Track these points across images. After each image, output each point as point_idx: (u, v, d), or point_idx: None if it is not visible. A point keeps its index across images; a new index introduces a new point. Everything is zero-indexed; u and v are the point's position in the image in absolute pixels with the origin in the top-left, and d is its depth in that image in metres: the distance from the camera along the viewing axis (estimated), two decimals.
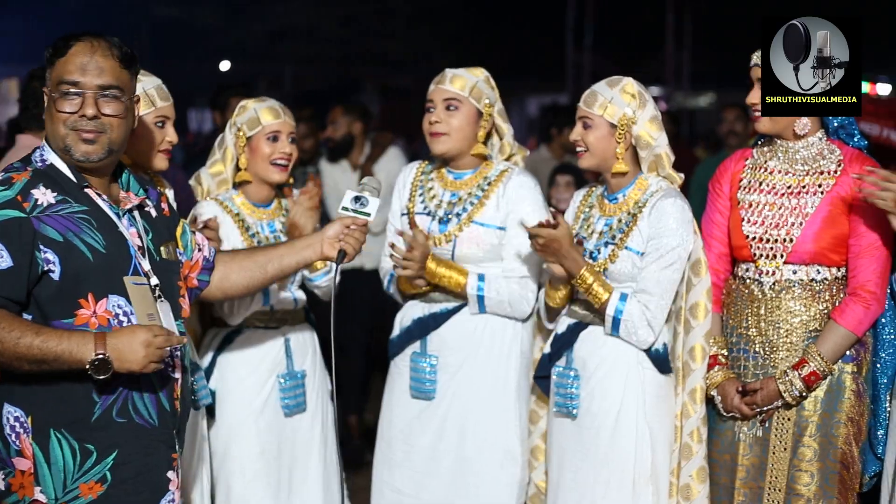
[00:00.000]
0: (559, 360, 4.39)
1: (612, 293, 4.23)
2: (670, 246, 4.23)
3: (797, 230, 4.24)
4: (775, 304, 4.27)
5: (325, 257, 3.87)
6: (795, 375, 4.18)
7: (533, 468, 4.59)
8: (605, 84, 4.35)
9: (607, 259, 4.30)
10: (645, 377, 4.29)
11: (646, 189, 4.33)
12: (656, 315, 4.24)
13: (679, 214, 4.25)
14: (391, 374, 4.70)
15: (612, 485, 4.27)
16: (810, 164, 4.28)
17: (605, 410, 4.28)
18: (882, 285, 4.23)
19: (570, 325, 4.40)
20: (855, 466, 4.27)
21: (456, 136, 4.52)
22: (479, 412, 4.52)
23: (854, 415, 4.25)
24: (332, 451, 4.69)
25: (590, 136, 4.31)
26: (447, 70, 4.57)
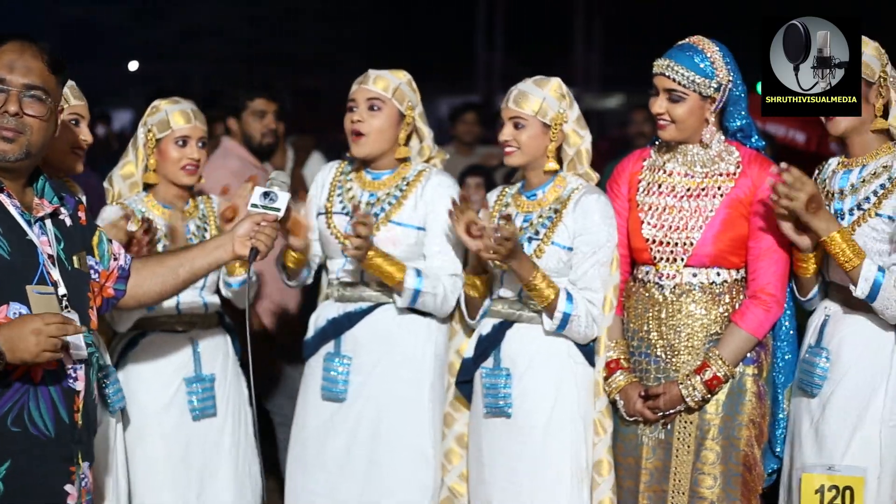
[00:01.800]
0: (486, 361, 4.39)
1: (559, 293, 4.24)
2: (601, 242, 4.27)
3: (697, 233, 4.26)
4: (676, 307, 4.29)
5: (238, 256, 3.82)
6: (697, 380, 4.20)
7: (447, 471, 4.56)
8: (533, 84, 4.37)
9: (533, 254, 4.31)
10: (577, 371, 4.32)
11: (565, 185, 4.36)
12: (600, 311, 4.29)
13: (603, 210, 4.30)
14: (305, 376, 4.66)
15: (551, 481, 4.28)
16: (709, 166, 4.30)
17: (539, 407, 4.29)
18: (782, 288, 4.26)
19: (495, 325, 4.40)
20: (757, 468, 4.30)
21: (377, 136, 4.50)
22: (393, 414, 4.49)
23: (755, 417, 4.29)
24: (246, 456, 4.65)
25: (522, 136, 4.32)
26: (370, 71, 4.55)
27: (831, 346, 4.20)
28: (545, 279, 4.25)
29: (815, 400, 4.21)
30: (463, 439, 4.54)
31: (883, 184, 4.13)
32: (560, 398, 4.29)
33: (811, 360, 4.23)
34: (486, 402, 4.36)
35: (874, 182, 4.15)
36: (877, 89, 4.12)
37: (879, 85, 4.12)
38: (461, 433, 4.55)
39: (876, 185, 4.14)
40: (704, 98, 4.23)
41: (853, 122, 4.16)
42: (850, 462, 4.10)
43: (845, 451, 4.12)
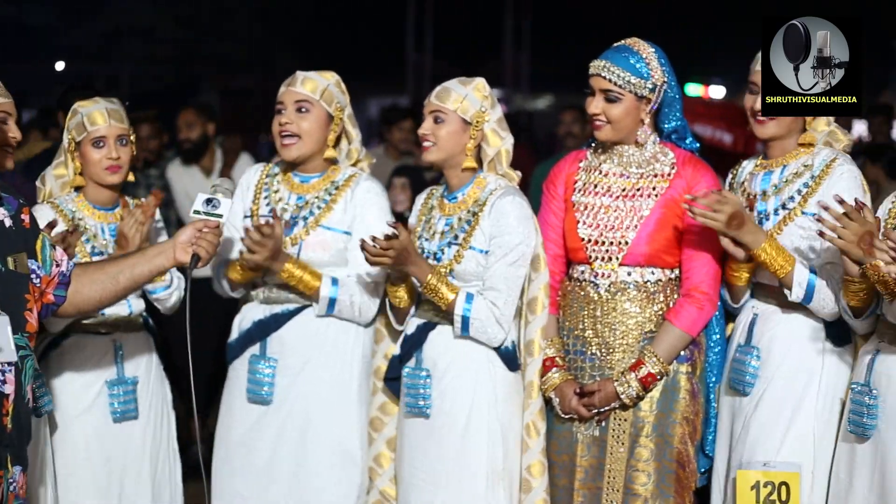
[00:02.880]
0: (409, 360, 4.39)
1: (458, 294, 4.25)
2: (514, 243, 4.26)
3: (632, 232, 4.30)
4: (611, 305, 4.32)
5: (179, 263, 3.77)
6: (632, 377, 4.24)
7: (377, 475, 4.54)
8: (457, 82, 4.38)
9: (453, 259, 4.31)
10: (496, 375, 4.31)
11: (484, 187, 4.35)
12: (505, 312, 4.26)
13: (519, 211, 4.29)
14: (230, 379, 4.61)
15: (466, 483, 4.27)
16: (644, 167, 4.34)
17: (457, 409, 4.28)
18: (714, 286, 4.31)
19: (419, 326, 4.39)
20: (690, 465, 4.34)
21: (306, 139, 4.46)
22: (320, 415, 4.47)
23: (689, 414, 4.32)
24: (166, 459, 4.62)
25: (441, 131, 4.32)
26: (298, 72, 4.51)
27: (761, 344, 4.25)
28: (443, 281, 4.25)
29: (747, 398, 4.25)
30: (393, 443, 4.53)
31: (806, 182, 4.19)
32: (478, 401, 4.28)
33: (742, 360, 4.27)
34: (407, 402, 4.36)
35: (797, 181, 4.21)
36: None
37: None
38: (391, 437, 4.53)
39: (799, 184, 4.21)
40: (640, 98, 4.27)
41: (781, 129, 4.22)
42: (784, 458, 4.15)
43: (780, 447, 4.16)
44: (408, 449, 4.39)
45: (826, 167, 4.17)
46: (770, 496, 4.12)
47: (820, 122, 4.25)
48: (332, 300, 4.41)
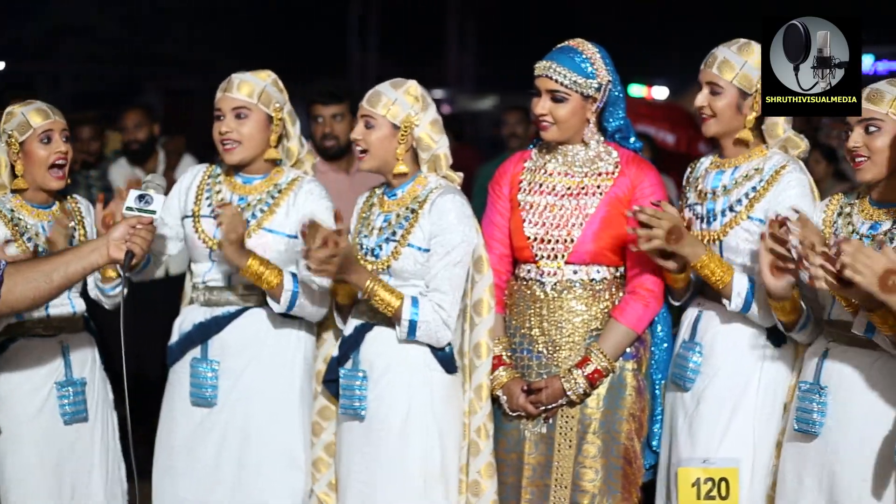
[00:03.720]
0: (346, 362, 4.38)
1: (403, 299, 4.23)
2: (455, 242, 4.25)
3: (577, 230, 4.33)
4: (557, 304, 4.35)
5: (113, 260, 3.77)
6: (579, 374, 4.27)
7: (315, 480, 4.54)
8: (388, 85, 4.35)
9: (390, 256, 4.31)
10: (432, 378, 4.30)
11: (425, 185, 4.35)
12: (451, 313, 4.26)
13: (459, 210, 4.28)
14: (170, 382, 4.58)
15: (402, 485, 4.28)
16: (589, 166, 4.37)
17: (394, 412, 4.28)
18: (659, 283, 4.34)
19: (357, 327, 4.38)
20: (637, 461, 4.38)
21: (248, 144, 4.44)
22: (263, 418, 4.45)
23: (635, 411, 4.36)
24: (115, 459, 4.59)
25: (371, 136, 4.30)
26: (234, 76, 4.48)
27: (704, 340, 4.29)
28: (385, 288, 4.23)
29: (689, 394, 4.29)
30: (331, 448, 4.52)
31: (755, 186, 4.22)
32: (415, 403, 4.28)
33: (684, 355, 4.31)
34: (343, 404, 4.35)
35: (746, 184, 4.24)
36: (752, 100, 4.22)
37: (755, 98, 4.23)
38: (329, 442, 4.53)
39: (748, 187, 4.23)
40: (586, 98, 4.30)
41: (720, 129, 4.27)
42: (724, 454, 4.18)
43: (719, 443, 4.20)
44: (345, 451, 4.39)
45: (776, 173, 4.20)
46: (710, 492, 4.15)
47: (777, 128, 4.27)
48: (294, 293, 4.39)
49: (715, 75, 4.23)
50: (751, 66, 4.20)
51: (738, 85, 4.21)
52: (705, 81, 4.26)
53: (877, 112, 3.81)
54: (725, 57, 4.23)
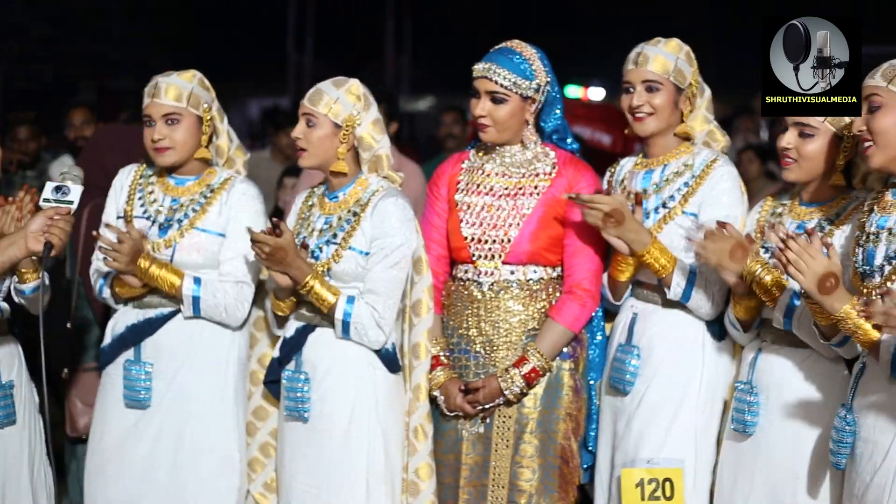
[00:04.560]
0: (288, 363, 4.36)
1: (339, 297, 4.23)
2: (395, 245, 4.25)
3: (515, 230, 4.34)
4: (494, 304, 4.35)
5: (32, 252, 3.74)
6: (516, 373, 4.28)
7: (251, 480, 4.52)
8: (330, 84, 4.33)
9: (331, 259, 4.29)
10: (376, 378, 4.30)
11: (367, 187, 4.33)
12: (385, 315, 4.24)
13: (401, 213, 4.27)
14: (103, 385, 4.53)
15: (346, 486, 4.26)
16: (526, 167, 4.39)
17: (337, 413, 4.27)
18: (596, 283, 4.37)
19: (299, 328, 4.36)
20: (574, 461, 4.40)
21: (181, 149, 4.40)
22: (197, 419, 4.42)
23: (572, 410, 4.38)
24: (41, 464, 4.54)
25: (313, 135, 4.28)
26: (160, 81, 4.42)
27: (641, 343, 4.31)
28: (324, 284, 4.23)
29: (629, 397, 4.31)
30: (266, 448, 4.52)
31: (686, 182, 4.28)
32: (358, 404, 4.27)
33: (622, 359, 4.32)
34: (286, 406, 4.33)
35: (678, 180, 4.29)
36: (686, 95, 4.28)
37: (688, 93, 4.28)
38: (264, 442, 4.52)
39: (679, 183, 4.29)
40: (525, 99, 4.32)
41: (660, 125, 4.31)
42: (667, 455, 4.21)
43: (662, 444, 4.23)
44: (288, 453, 4.37)
45: (706, 167, 4.26)
46: (654, 493, 4.17)
47: (698, 122, 4.34)
48: (195, 299, 4.37)
49: (650, 72, 4.27)
50: (682, 60, 4.27)
51: (674, 81, 4.26)
52: (640, 80, 4.29)
53: (813, 119, 3.86)
54: (658, 54, 4.28)
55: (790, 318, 3.85)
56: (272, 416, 4.52)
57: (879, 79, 3.55)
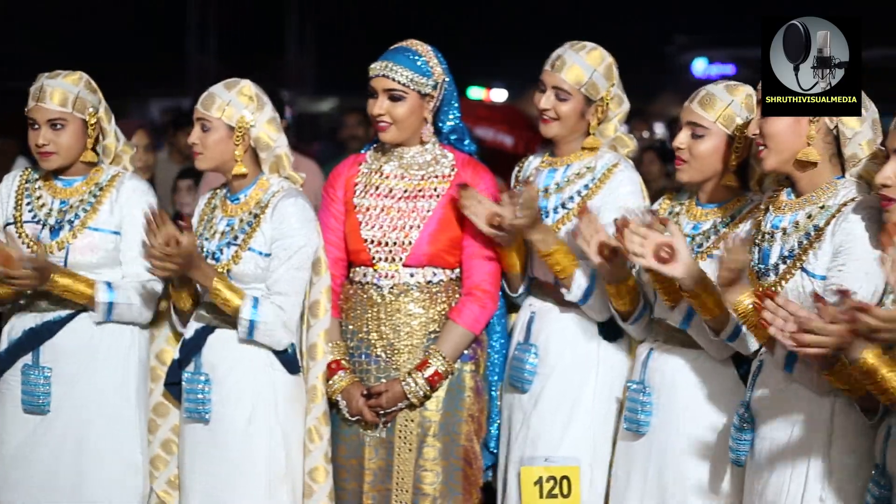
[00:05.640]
0: (188, 365, 4.32)
1: (244, 298, 4.21)
2: (297, 245, 4.23)
3: (415, 233, 4.34)
4: (394, 307, 4.34)
5: None
6: (419, 376, 4.28)
7: (154, 478, 4.47)
8: (222, 86, 4.30)
9: (231, 260, 4.26)
10: (276, 379, 4.28)
11: (267, 189, 4.31)
12: (291, 316, 4.24)
13: (301, 214, 4.26)
14: (1, 391, 4.45)
15: (247, 487, 4.24)
16: (425, 168, 4.39)
17: (238, 414, 4.24)
18: (495, 284, 4.38)
19: (198, 330, 4.32)
20: (477, 462, 4.41)
21: (65, 154, 4.35)
22: (99, 423, 4.36)
23: (474, 412, 4.39)
24: None
25: (208, 139, 4.26)
26: (45, 83, 4.35)
27: (539, 342, 4.35)
28: (228, 286, 4.21)
29: (527, 395, 4.35)
30: (168, 445, 4.47)
31: (587, 184, 4.32)
32: (258, 405, 4.25)
33: (520, 357, 4.37)
34: (186, 407, 4.29)
35: (578, 182, 4.34)
36: (596, 107, 4.32)
37: (600, 105, 4.32)
38: (166, 439, 4.48)
39: (580, 185, 4.33)
40: (423, 97, 4.31)
41: (563, 132, 4.35)
42: (564, 453, 4.25)
43: (560, 442, 4.27)
44: (189, 454, 4.34)
45: (608, 171, 4.30)
46: (552, 490, 4.22)
47: (608, 127, 4.38)
48: (110, 304, 4.33)
49: (562, 80, 4.30)
50: (599, 74, 4.30)
51: (585, 93, 4.30)
52: (551, 85, 4.33)
53: (704, 119, 3.91)
54: (575, 63, 4.30)
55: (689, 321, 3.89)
56: (173, 412, 4.46)
57: None
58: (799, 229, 3.53)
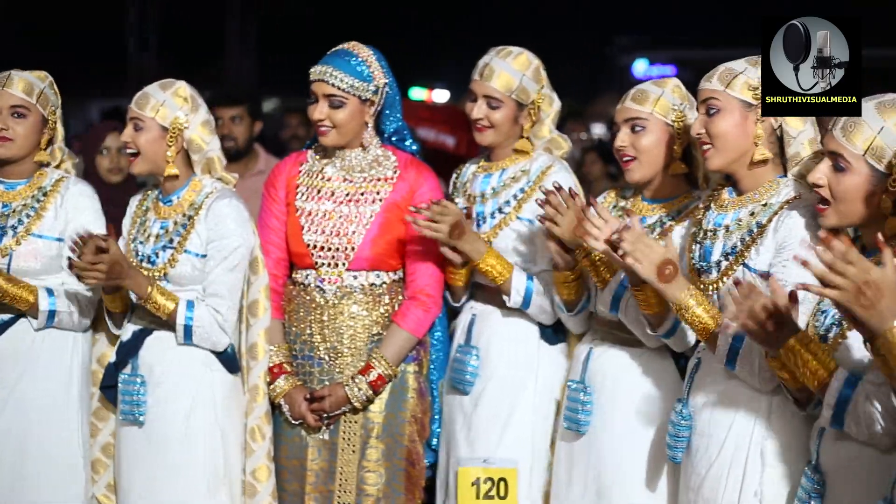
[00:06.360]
0: (125, 367, 4.29)
1: (179, 303, 4.18)
2: (233, 246, 4.21)
3: (358, 238, 4.32)
4: (338, 310, 4.34)
5: None
6: (363, 381, 4.28)
7: (94, 482, 4.45)
8: (157, 86, 4.28)
9: (167, 263, 4.24)
10: (214, 379, 4.26)
11: (200, 190, 4.28)
12: (227, 317, 4.22)
13: (236, 214, 4.24)
14: None
15: (187, 488, 4.22)
16: (368, 171, 4.37)
17: (175, 415, 4.22)
18: (439, 288, 4.40)
19: (135, 332, 4.29)
20: (420, 462, 4.43)
21: (22, 143, 4.32)
22: (40, 428, 4.33)
23: (417, 413, 4.41)
24: None
25: (141, 139, 4.23)
26: (13, 73, 4.35)
27: (480, 344, 4.38)
28: (161, 292, 4.18)
29: (468, 397, 4.37)
30: (108, 449, 4.45)
31: (522, 188, 4.35)
32: (196, 406, 4.23)
33: (462, 359, 4.39)
34: (123, 410, 4.27)
35: (514, 186, 4.36)
36: (528, 111, 4.34)
37: (532, 109, 4.34)
38: (106, 443, 4.45)
39: (516, 188, 4.36)
40: (364, 102, 4.30)
41: (498, 138, 4.39)
42: (503, 455, 4.27)
43: (498, 443, 4.30)
44: (125, 457, 4.31)
45: (542, 173, 4.34)
46: (489, 492, 4.24)
47: (542, 129, 4.41)
48: (51, 312, 4.30)
49: (492, 89, 4.32)
50: (528, 78, 4.33)
51: (517, 98, 4.32)
52: (482, 94, 4.35)
53: (641, 111, 3.94)
54: (503, 71, 4.33)
55: (617, 305, 3.91)
56: (113, 416, 4.44)
57: (717, 83, 3.59)
58: (741, 226, 3.56)
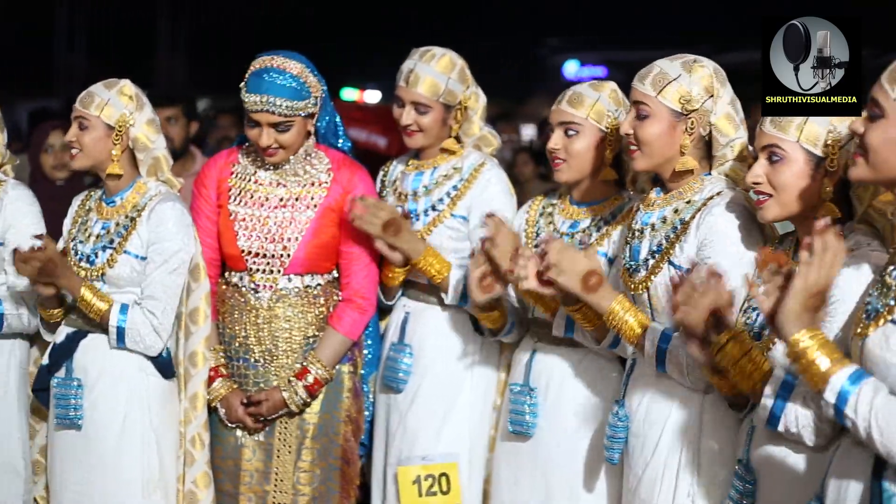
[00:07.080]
0: (58, 370, 4.27)
1: (112, 305, 4.16)
2: (173, 250, 4.20)
3: (293, 245, 4.31)
4: (272, 313, 4.33)
5: None
6: (299, 385, 4.28)
7: (33, 483, 4.44)
8: (101, 85, 4.26)
9: (106, 263, 4.22)
10: (149, 383, 4.24)
11: (144, 193, 4.27)
12: (163, 321, 4.19)
13: (178, 218, 4.23)
14: None
15: (121, 493, 4.21)
16: (301, 174, 4.34)
17: (110, 419, 4.20)
18: (373, 290, 4.42)
19: (69, 335, 4.27)
20: (355, 462, 4.45)
21: None
22: None
23: (353, 412, 4.42)
24: None
25: (85, 137, 4.21)
26: None
27: (413, 341, 4.40)
28: (95, 293, 4.16)
29: (402, 395, 4.39)
30: (46, 450, 4.42)
31: (455, 185, 4.37)
32: (131, 410, 4.22)
33: (395, 357, 4.40)
34: (57, 413, 4.25)
35: (447, 183, 4.39)
36: (456, 111, 4.36)
37: (459, 109, 4.37)
38: (44, 445, 4.44)
39: (449, 186, 4.38)
40: (307, 116, 4.27)
41: (428, 141, 4.42)
42: (442, 451, 4.30)
43: (437, 440, 4.33)
44: (59, 461, 4.29)
45: (475, 171, 4.37)
46: (431, 488, 4.25)
47: (472, 126, 4.43)
48: (0, 317, 4.26)
49: (419, 94, 4.35)
50: (454, 80, 4.36)
51: (444, 101, 4.34)
52: (409, 100, 4.36)
53: (576, 116, 3.97)
54: (428, 75, 4.35)
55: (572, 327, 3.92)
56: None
57: (649, 86, 3.58)
58: (666, 224, 3.59)
